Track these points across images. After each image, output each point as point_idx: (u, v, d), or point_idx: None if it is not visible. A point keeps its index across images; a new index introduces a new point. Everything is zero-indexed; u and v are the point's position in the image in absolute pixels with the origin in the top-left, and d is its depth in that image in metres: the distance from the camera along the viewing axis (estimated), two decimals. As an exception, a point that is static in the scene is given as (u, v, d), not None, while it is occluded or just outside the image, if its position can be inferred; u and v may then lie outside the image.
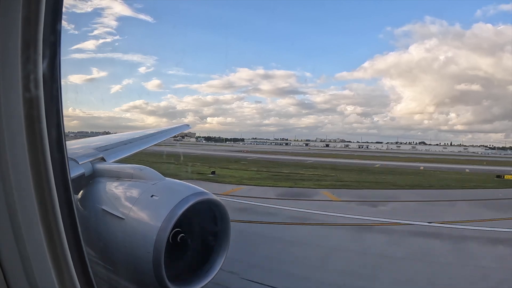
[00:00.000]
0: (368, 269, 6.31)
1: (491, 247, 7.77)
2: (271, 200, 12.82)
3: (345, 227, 9.33)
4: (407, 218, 9.94)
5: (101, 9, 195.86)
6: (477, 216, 10.45)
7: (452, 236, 8.44)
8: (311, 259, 6.77)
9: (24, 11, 1.01)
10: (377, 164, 34.93)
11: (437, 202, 14.03)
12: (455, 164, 40.05)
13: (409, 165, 34.17)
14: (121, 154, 3.53)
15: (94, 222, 2.27)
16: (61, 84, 1.21)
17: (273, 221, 9.57)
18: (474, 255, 7.21)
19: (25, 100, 1.05)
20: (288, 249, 7.35)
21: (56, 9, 1.13)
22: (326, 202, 13.16)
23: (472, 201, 13.98)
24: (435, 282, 5.80)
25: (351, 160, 41.43)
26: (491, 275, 6.07)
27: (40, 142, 1.08)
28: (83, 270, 1.24)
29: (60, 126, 1.21)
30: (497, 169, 29.28)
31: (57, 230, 1.13)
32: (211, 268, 2.29)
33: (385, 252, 7.28)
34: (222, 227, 2.33)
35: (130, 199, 2.20)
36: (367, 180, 20.19)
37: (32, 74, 1.05)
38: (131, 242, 2.05)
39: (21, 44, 1.02)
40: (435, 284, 5.77)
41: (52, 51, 1.13)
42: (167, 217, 1.98)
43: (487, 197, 15.00)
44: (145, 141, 4.56)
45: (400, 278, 6.00)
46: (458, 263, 6.66)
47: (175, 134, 6.09)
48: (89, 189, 2.49)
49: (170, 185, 2.34)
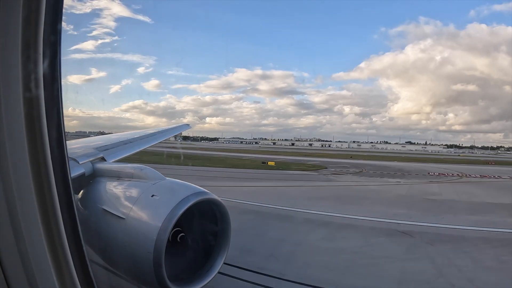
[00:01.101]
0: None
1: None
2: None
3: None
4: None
5: (99, 10, 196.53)
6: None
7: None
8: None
9: (25, 11, 1.01)
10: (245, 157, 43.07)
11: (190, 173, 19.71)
12: (317, 157, 47.88)
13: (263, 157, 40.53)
14: (121, 154, 3.53)
15: (94, 222, 2.27)
16: (61, 84, 1.21)
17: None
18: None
19: (26, 100, 1.04)
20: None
21: (56, 9, 1.13)
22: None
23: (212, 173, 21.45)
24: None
25: (257, 155, 47.91)
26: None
27: (40, 142, 1.08)
28: (84, 270, 1.24)
29: (61, 126, 1.21)
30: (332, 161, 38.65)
31: (57, 230, 1.13)
32: (211, 268, 2.29)
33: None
34: (222, 227, 2.33)
35: (131, 199, 2.20)
36: (187, 164, 26.90)
37: (32, 74, 1.05)
38: (132, 242, 2.05)
39: (22, 44, 1.02)
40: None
41: (52, 51, 1.13)
42: (167, 217, 1.98)
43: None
44: (145, 141, 4.56)
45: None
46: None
47: (175, 134, 6.09)
48: (90, 188, 2.49)
49: (171, 185, 2.34)
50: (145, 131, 5.29)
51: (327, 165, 32.31)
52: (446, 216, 10.45)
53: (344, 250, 6.98)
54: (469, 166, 39.35)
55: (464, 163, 46.28)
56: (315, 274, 5.47)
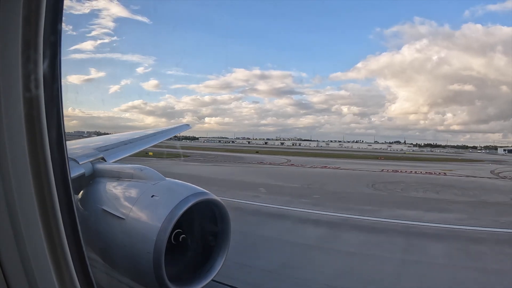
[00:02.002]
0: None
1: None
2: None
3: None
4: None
5: (98, 11, 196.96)
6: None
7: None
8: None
9: (25, 11, 1.01)
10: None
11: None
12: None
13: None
14: (121, 154, 3.52)
15: (94, 222, 2.27)
16: (62, 84, 1.21)
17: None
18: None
19: (26, 100, 1.04)
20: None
21: (56, 9, 1.13)
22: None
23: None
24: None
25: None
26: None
27: (40, 142, 1.08)
28: (83, 271, 1.24)
29: (61, 126, 1.21)
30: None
31: (57, 230, 1.13)
32: (211, 268, 2.29)
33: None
34: (222, 227, 2.33)
35: (131, 199, 2.20)
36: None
37: (32, 74, 1.05)
38: (132, 243, 2.05)
39: (22, 44, 1.02)
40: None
41: (52, 51, 1.13)
42: (167, 217, 1.98)
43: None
44: (145, 141, 4.56)
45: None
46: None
47: (175, 134, 6.08)
48: (90, 189, 2.49)
49: (171, 185, 2.34)
50: (145, 132, 5.28)
51: (194, 155, 37.35)
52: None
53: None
54: (348, 160, 42.79)
55: (361, 158, 49.03)
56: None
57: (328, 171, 26.11)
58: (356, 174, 24.68)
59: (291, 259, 6.40)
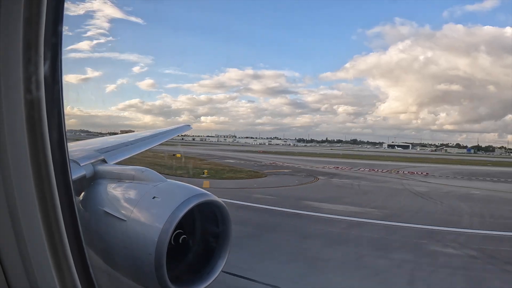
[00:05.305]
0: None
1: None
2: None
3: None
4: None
5: (92, 12, 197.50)
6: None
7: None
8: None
9: (26, 12, 1.01)
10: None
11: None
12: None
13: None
14: (122, 156, 3.52)
15: (95, 223, 2.27)
16: (63, 86, 1.21)
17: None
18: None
19: (27, 102, 1.04)
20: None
21: (57, 11, 1.13)
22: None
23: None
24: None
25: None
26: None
27: (41, 144, 1.08)
28: (85, 272, 1.24)
29: (62, 127, 1.20)
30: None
31: (58, 231, 1.13)
32: (213, 270, 2.28)
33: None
34: (224, 229, 2.32)
35: (132, 201, 2.19)
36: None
37: (33, 76, 1.05)
38: (133, 244, 2.05)
39: (23, 46, 1.02)
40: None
41: (53, 53, 1.13)
42: (168, 219, 1.97)
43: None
44: (146, 142, 4.55)
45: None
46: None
47: (177, 134, 6.07)
48: (91, 190, 2.49)
49: (172, 186, 2.33)
50: (146, 132, 5.28)
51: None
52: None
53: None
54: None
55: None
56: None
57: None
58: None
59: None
